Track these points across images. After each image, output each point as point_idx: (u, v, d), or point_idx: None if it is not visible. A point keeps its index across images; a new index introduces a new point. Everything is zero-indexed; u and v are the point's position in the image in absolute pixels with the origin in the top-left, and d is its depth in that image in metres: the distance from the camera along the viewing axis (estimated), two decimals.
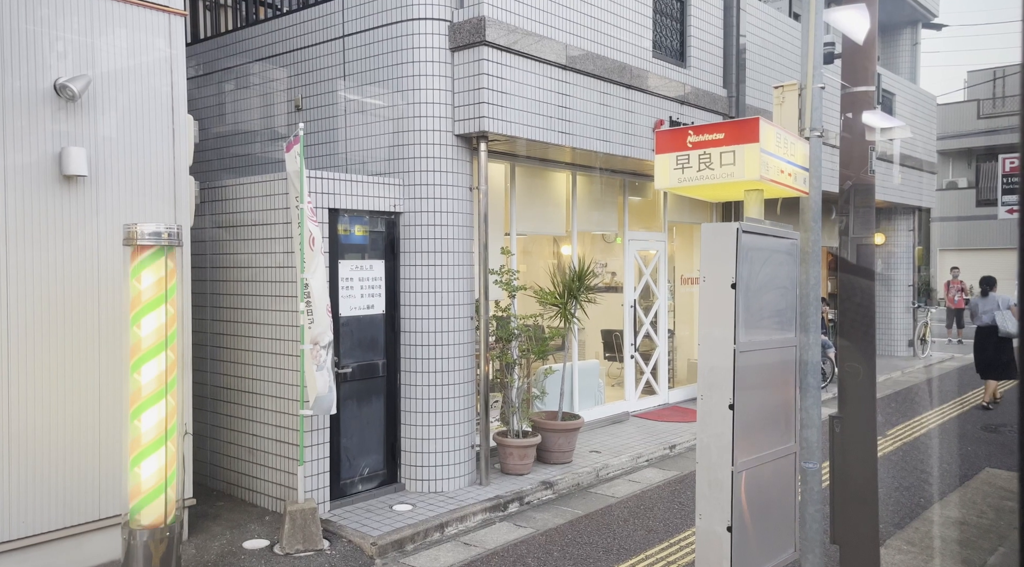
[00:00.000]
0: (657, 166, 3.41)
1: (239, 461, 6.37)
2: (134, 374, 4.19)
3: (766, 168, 3.20)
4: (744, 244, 3.21)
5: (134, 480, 4.20)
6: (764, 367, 3.44)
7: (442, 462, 6.49)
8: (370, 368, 6.33)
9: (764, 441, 3.44)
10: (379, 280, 6.40)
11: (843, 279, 4.67)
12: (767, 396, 3.50)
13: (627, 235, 9.78)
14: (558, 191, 8.87)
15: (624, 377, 9.85)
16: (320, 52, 7.04)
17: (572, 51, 7.21)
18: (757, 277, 3.36)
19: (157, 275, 4.20)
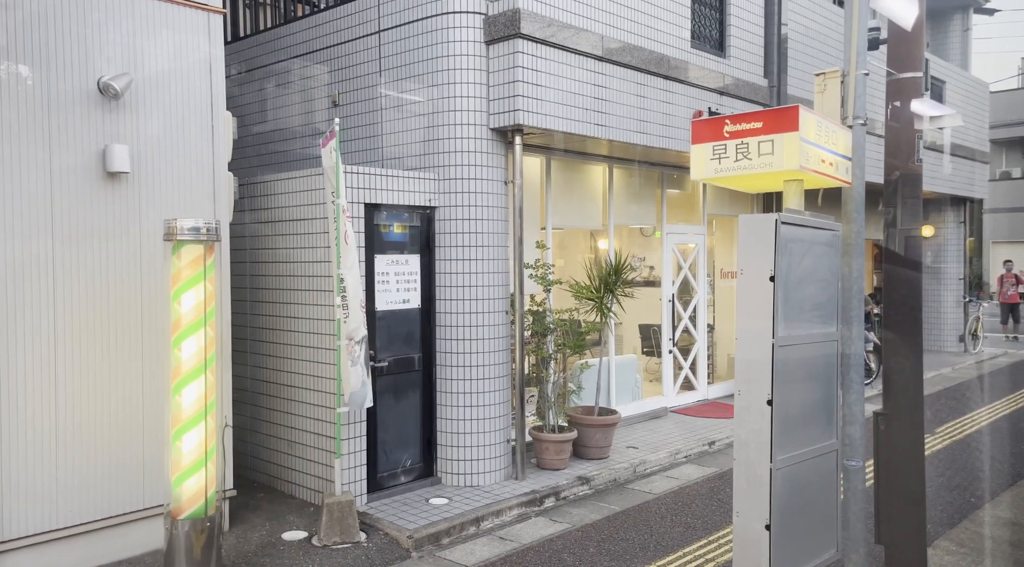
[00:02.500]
0: (693, 157, 3.33)
1: (279, 454, 6.46)
2: (175, 350, 4.30)
3: (806, 157, 3.10)
4: (783, 236, 3.12)
5: (176, 454, 4.31)
6: (804, 362, 3.34)
7: (478, 456, 6.49)
8: (406, 362, 6.36)
9: (804, 438, 3.35)
10: (415, 274, 6.42)
11: (889, 272, 4.52)
12: (807, 391, 3.40)
13: (665, 228, 9.65)
14: (595, 185, 8.79)
15: (662, 372, 9.74)
16: (356, 48, 7.08)
17: (608, 43, 7.12)
18: (796, 270, 3.27)
19: (195, 254, 4.29)
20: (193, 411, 4.31)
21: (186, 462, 4.31)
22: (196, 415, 4.31)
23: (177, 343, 4.30)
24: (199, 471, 4.31)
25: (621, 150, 8.29)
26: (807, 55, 10.01)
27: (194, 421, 4.31)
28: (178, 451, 4.30)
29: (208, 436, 4.35)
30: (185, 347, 4.30)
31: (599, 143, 7.73)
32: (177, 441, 4.30)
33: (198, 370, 4.30)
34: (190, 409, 4.30)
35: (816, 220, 3.35)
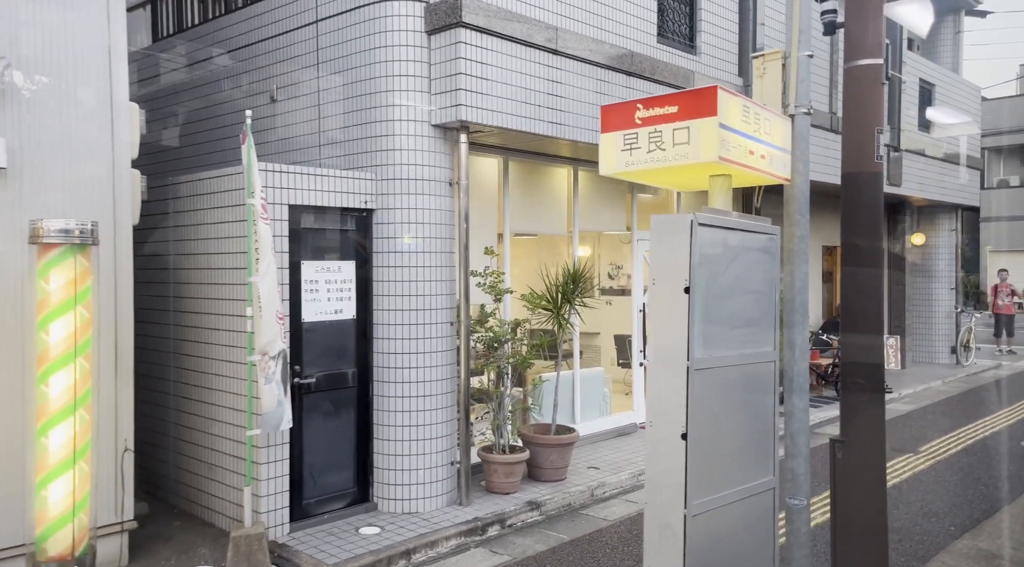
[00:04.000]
0: (602, 147, 2.87)
1: (198, 478, 5.97)
2: (41, 385, 3.79)
3: (727, 147, 2.63)
4: (702, 239, 2.65)
5: (40, 505, 3.79)
6: (731, 387, 2.86)
7: (418, 480, 6.00)
8: (338, 378, 5.87)
9: (732, 476, 2.87)
10: (349, 283, 5.94)
11: (845, 285, 4.05)
12: (736, 421, 2.92)
13: (636, 235, 9.18)
14: (558, 188, 8.32)
15: (633, 386, 9.25)
16: (294, 39, 6.63)
17: (564, 35, 6.67)
18: (721, 279, 2.79)
19: (67, 276, 3.79)
20: (62, 456, 3.79)
21: (53, 514, 3.79)
22: (65, 461, 3.79)
23: (44, 378, 3.78)
24: (67, 525, 3.79)
25: (586, 152, 7.82)
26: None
27: (63, 468, 3.80)
28: (43, 501, 3.78)
29: (80, 485, 3.82)
30: (53, 383, 3.79)
31: (560, 144, 7.27)
32: (42, 491, 3.78)
33: (68, 409, 3.79)
34: (58, 453, 3.79)
35: (746, 222, 2.88)
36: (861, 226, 4.00)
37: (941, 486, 7.10)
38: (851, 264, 4.00)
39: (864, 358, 3.92)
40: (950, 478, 7.36)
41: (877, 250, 4.05)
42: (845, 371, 4.05)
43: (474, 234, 6.74)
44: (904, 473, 7.52)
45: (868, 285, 4.01)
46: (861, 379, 3.95)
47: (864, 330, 3.94)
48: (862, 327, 3.94)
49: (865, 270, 3.99)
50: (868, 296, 4.01)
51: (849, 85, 3.97)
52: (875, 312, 4.00)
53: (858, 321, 3.98)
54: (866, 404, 3.96)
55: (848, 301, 4.04)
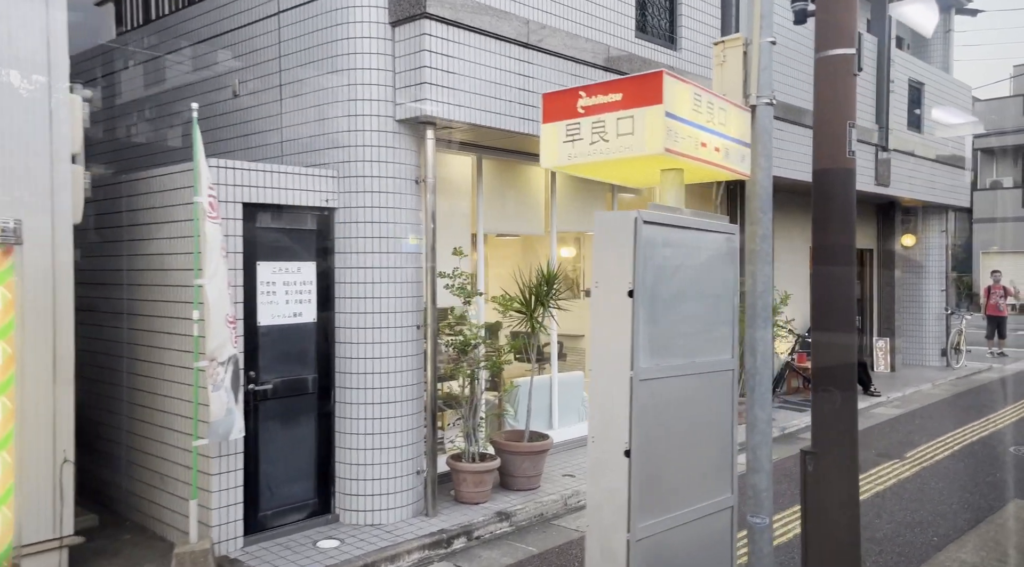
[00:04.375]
0: (543, 139, 2.65)
1: (150, 488, 5.72)
2: None
3: (674, 138, 2.41)
4: (648, 239, 2.43)
5: None
6: (684, 398, 2.64)
7: (382, 490, 5.77)
8: (297, 384, 5.64)
9: (684, 495, 2.64)
10: (309, 284, 5.70)
11: (816, 284, 3.83)
12: (689, 436, 2.70)
13: None
14: (535, 187, 8.10)
15: None
16: (256, 31, 6.39)
17: (536, 28, 6.44)
18: (672, 282, 2.57)
19: None
20: None
21: None
22: None
23: None
24: None
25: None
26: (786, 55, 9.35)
27: None
28: None
29: (4, 476, 3.60)
30: None
31: (536, 141, 7.04)
32: None
33: None
34: None
35: (700, 220, 2.66)
36: (833, 224, 3.79)
37: (926, 494, 6.89)
38: (823, 263, 3.79)
39: (835, 360, 3.71)
40: (935, 485, 7.15)
41: (848, 249, 3.84)
42: (815, 375, 3.84)
43: (444, 234, 6.52)
44: (889, 480, 7.31)
45: (840, 285, 3.80)
46: (832, 385, 3.73)
47: (835, 331, 3.72)
48: (833, 328, 3.73)
49: (837, 269, 3.77)
50: (839, 296, 3.80)
51: (820, 77, 3.76)
52: (846, 312, 3.78)
53: (829, 322, 3.77)
54: (837, 413, 3.75)
55: (819, 301, 3.83)
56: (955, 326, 14.87)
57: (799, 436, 9.20)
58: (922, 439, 9.00)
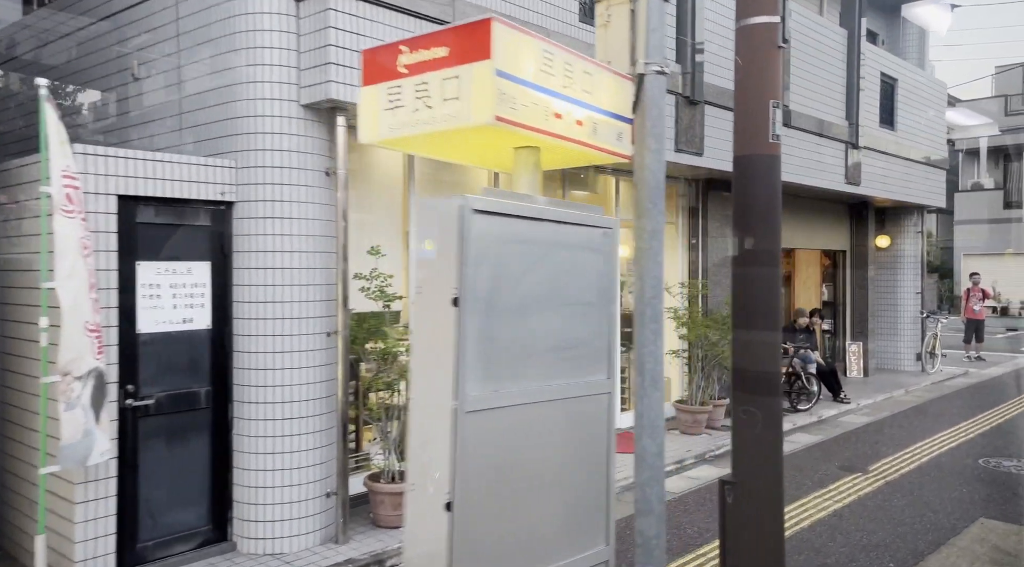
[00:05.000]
0: (361, 106, 2.12)
1: (21, 515, 5.13)
2: None
3: (511, 105, 1.89)
4: (483, 233, 1.91)
5: None
6: (536, 433, 2.12)
7: (285, 515, 5.21)
8: (187, 398, 5.07)
9: (533, 555, 2.11)
10: (202, 287, 5.14)
11: (736, 291, 3.32)
12: (543, 479, 2.17)
13: None
14: (477, 183, 7.57)
15: None
16: (153, 8, 5.82)
17: (463, 7, 5.91)
18: (521, 287, 2.05)
19: None
20: None
21: None
22: None
23: None
24: None
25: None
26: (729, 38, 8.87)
27: None
28: None
29: None
30: None
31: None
32: None
33: None
34: None
35: (560, 210, 2.13)
36: (754, 219, 3.28)
37: (887, 512, 6.40)
38: (743, 264, 3.28)
39: (757, 376, 3.20)
40: (898, 502, 6.67)
41: (772, 246, 3.33)
42: (735, 388, 3.32)
43: (369, 232, 5.98)
44: (849, 496, 6.83)
45: (762, 289, 3.29)
46: (753, 404, 3.21)
47: (757, 343, 3.21)
48: (754, 339, 3.22)
49: (758, 271, 3.26)
50: (762, 303, 3.29)
51: (741, 49, 3.25)
52: (770, 320, 3.27)
53: (749, 333, 3.26)
54: (759, 436, 3.24)
55: (739, 309, 3.32)
56: (930, 330, 14.45)
57: None
58: (889, 450, 8.53)
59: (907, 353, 14.36)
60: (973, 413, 10.61)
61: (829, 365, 11.40)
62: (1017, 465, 7.80)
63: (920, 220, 14.57)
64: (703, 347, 9.14)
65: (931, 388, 12.81)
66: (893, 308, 14.49)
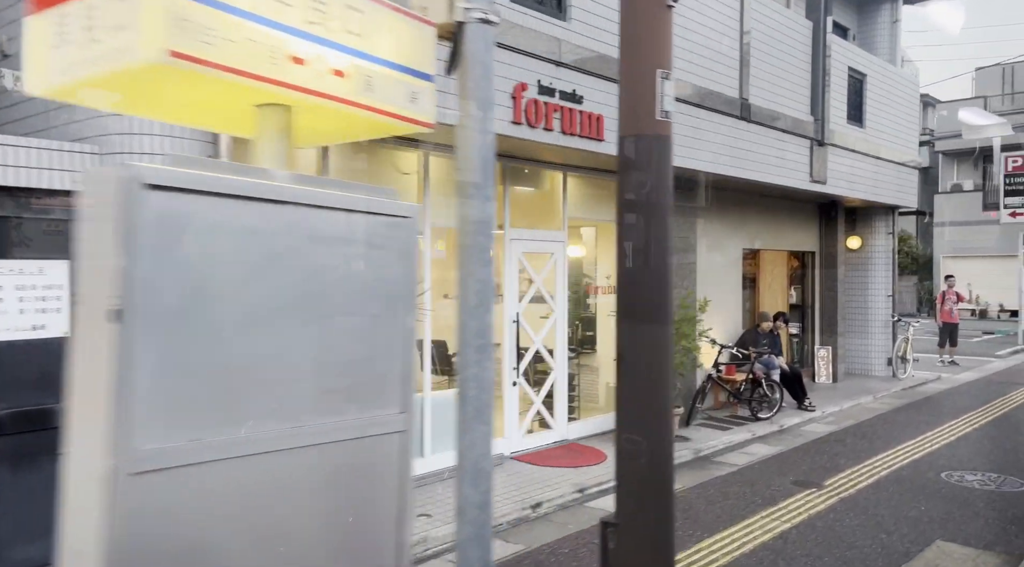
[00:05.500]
0: (25, 44, 1.57)
1: None
2: None
3: (202, 38, 1.34)
4: (171, 217, 1.36)
5: None
6: (269, 496, 1.56)
7: None
8: (38, 416, 4.49)
9: None
10: (58, 290, 4.56)
11: (620, 290, 2.80)
12: (291, 556, 1.61)
13: (509, 233, 7.91)
14: (405, 176, 7.02)
15: (504, 409, 7.96)
16: None
17: None
18: (247, 294, 1.51)
19: None
20: None
21: None
22: None
23: None
24: None
25: (436, 133, 6.55)
26: (684, 27, 8.38)
27: None
28: None
29: None
30: None
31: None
32: None
33: None
34: None
35: (317, 191, 1.58)
36: (641, 208, 2.75)
37: (837, 534, 5.90)
38: (630, 263, 2.75)
39: (641, 393, 2.66)
40: (850, 522, 6.17)
41: (662, 239, 2.80)
42: (617, 409, 2.80)
43: None
44: (798, 516, 6.33)
45: (650, 289, 2.76)
46: (637, 430, 2.68)
47: (642, 366, 2.68)
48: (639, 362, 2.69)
49: (648, 270, 2.73)
50: (652, 308, 2.76)
51: (625, 16, 2.72)
52: (659, 338, 2.74)
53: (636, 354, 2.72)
54: (645, 469, 2.71)
55: (623, 314, 2.79)
56: (901, 334, 14.04)
57: (714, 459, 8.21)
58: (848, 462, 8.05)
59: (878, 358, 13.94)
60: (941, 421, 10.17)
61: (794, 371, 10.93)
62: (981, 480, 7.34)
63: (892, 221, 14.16)
64: None
65: (900, 394, 12.38)
66: (864, 311, 14.08)
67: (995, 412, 10.83)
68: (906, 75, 14.33)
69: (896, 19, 14.36)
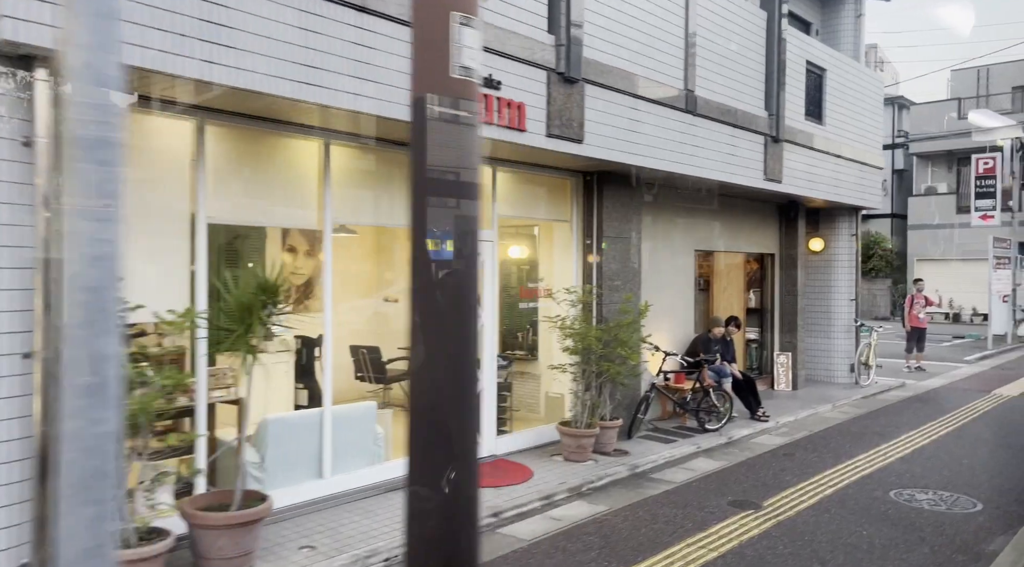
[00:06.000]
0: None
1: None
2: None
3: None
4: None
5: None
6: None
7: None
8: None
9: None
10: None
11: (412, 303, 2.18)
12: None
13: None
14: (302, 168, 6.38)
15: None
16: None
17: None
18: None
19: None
20: None
21: None
22: None
23: None
24: None
25: (342, 120, 5.94)
26: (616, 10, 7.79)
27: None
28: None
29: None
30: None
31: (299, 109, 5.40)
32: None
33: None
34: None
35: None
36: (436, 187, 2.13)
37: (766, 565, 5.31)
38: (418, 269, 2.13)
39: (430, 426, 2.04)
40: (783, 550, 5.58)
41: (468, 231, 2.19)
42: (408, 450, 2.17)
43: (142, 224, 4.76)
44: (727, 543, 5.73)
45: (451, 296, 2.14)
46: (424, 473, 2.06)
47: (434, 380, 2.06)
48: (433, 366, 2.07)
49: (449, 273, 2.11)
50: (448, 315, 2.14)
51: None
52: (462, 342, 2.12)
53: (434, 357, 2.10)
54: (432, 514, 2.08)
55: (415, 321, 2.16)
56: (864, 339, 13.54)
57: (651, 476, 7.61)
58: (794, 479, 7.48)
59: (840, 364, 13.44)
60: (899, 432, 9.64)
61: (747, 378, 10.37)
62: (932, 499, 6.79)
63: (855, 223, 13.66)
64: (592, 361, 8.03)
65: (860, 403, 11.86)
66: (826, 315, 13.57)
67: (956, 422, 10.33)
68: (870, 72, 13.86)
69: (860, 13, 13.89)
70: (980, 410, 11.24)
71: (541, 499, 6.66)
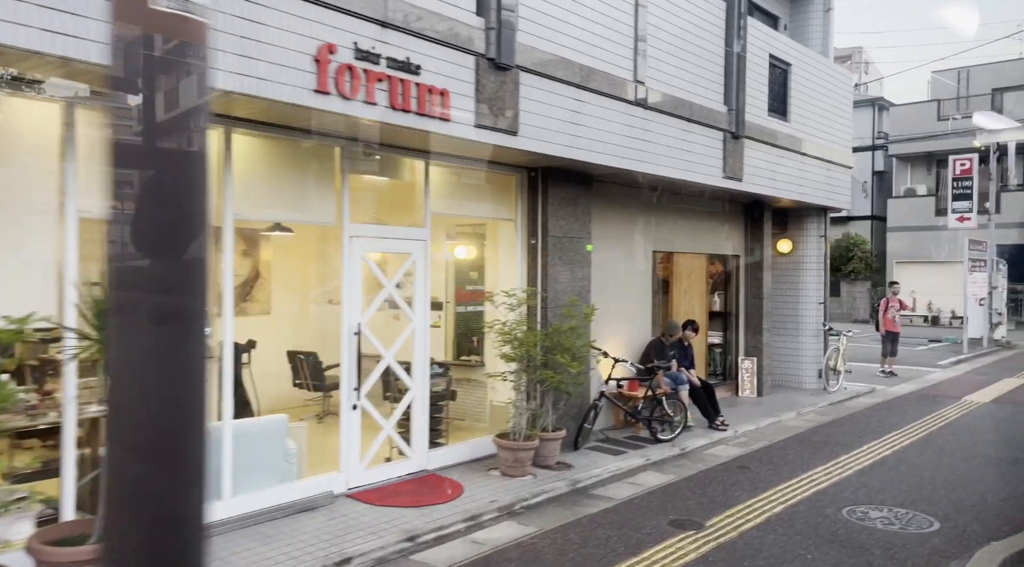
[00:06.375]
0: None
1: None
2: None
3: None
4: None
5: None
6: None
7: None
8: None
9: None
10: None
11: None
12: None
13: (348, 229, 6.74)
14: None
15: (341, 436, 6.77)
16: None
17: None
18: None
19: None
20: None
21: None
22: None
23: None
24: None
25: (243, 106, 5.40)
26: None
27: None
28: None
29: None
30: None
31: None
32: None
33: None
34: None
35: None
36: (140, 156, 1.60)
37: None
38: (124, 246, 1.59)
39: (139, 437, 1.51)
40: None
41: (198, 214, 1.65)
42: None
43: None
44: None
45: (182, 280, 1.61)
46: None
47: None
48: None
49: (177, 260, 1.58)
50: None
51: None
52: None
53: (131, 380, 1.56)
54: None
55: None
56: (832, 344, 13.10)
57: (592, 492, 7.10)
58: (743, 495, 6.98)
59: (808, 369, 13.00)
60: (861, 442, 9.19)
61: (706, 386, 9.89)
62: (886, 517, 6.31)
63: (824, 224, 13.24)
64: (533, 368, 7.53)
65: (826, 410, 11.41)
66: (794, 319, 13.13)
67: (922, 431, 9.89)
68: (839, 67, 13.45)
69: (828, 8, 13.48)
70: (948, 418, 10.81)
71: (466, 520, 6.13)
